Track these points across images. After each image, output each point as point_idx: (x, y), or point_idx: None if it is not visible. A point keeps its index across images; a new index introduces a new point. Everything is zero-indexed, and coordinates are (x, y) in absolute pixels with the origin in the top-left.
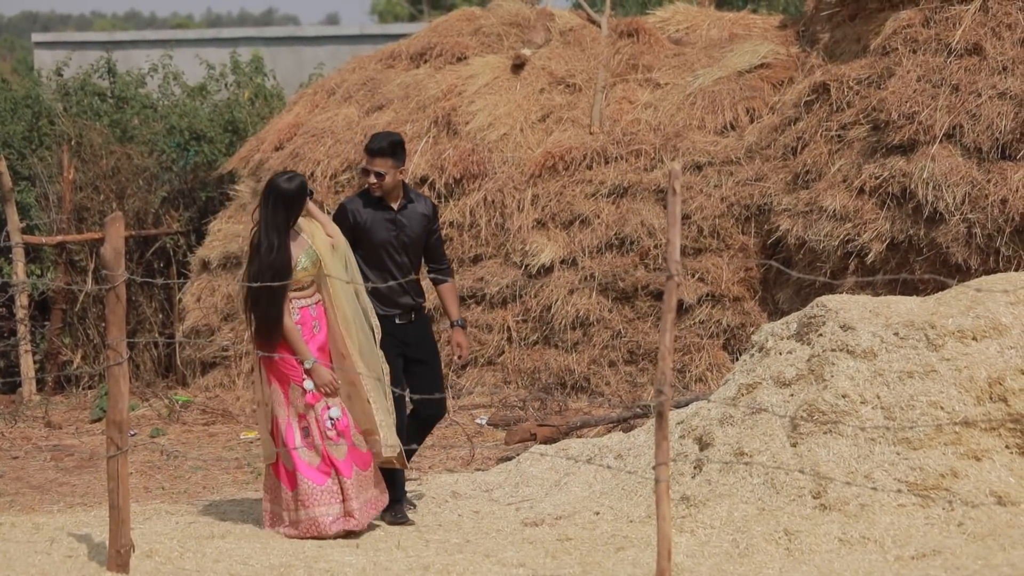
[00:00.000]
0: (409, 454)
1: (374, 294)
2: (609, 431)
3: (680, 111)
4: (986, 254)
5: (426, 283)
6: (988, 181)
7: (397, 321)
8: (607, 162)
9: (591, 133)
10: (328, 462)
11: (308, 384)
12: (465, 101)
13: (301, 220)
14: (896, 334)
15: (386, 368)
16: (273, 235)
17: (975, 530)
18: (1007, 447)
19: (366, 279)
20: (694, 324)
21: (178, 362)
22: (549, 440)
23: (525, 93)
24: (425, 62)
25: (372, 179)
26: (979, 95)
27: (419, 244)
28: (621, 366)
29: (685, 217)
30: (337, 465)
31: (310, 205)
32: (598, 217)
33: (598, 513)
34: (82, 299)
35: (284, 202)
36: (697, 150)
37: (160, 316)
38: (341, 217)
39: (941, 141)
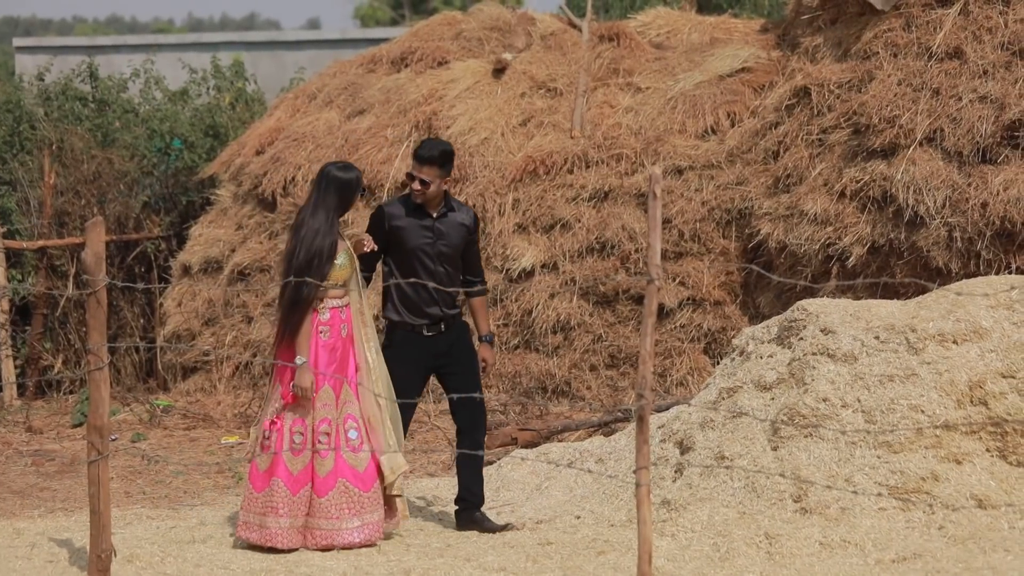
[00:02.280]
0: (472, 486)
1: (403, 303)
2: (590, 435)
3: (661, 115)
4: (966, 258)
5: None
6: (969, 185)
7: (425, 332)
8: (588, 166)
9: (572, 137)
10: (308, 474)
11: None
12: (446, 105)
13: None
14: (877, 338)
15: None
16: (321, 217)
17: (956, 533)
18: (988, 450)
19: (398, 287)
20: (675, 328)
21: (159, 367)
22: (530, 444)
23: (506, 97)
24: (406, 66)
25: (417, 185)
26: (960, 99)
27: (456, 254)
28: (602, 370)
29: (666, 221)
30: (316, 481)
31: None
32: (579, 221)
33: (579, 517)
34: (63, 304)
35: (336, 190)
36: (678, 154)
37: (141, 321)
38: (377, 219)
39: (922, 145)
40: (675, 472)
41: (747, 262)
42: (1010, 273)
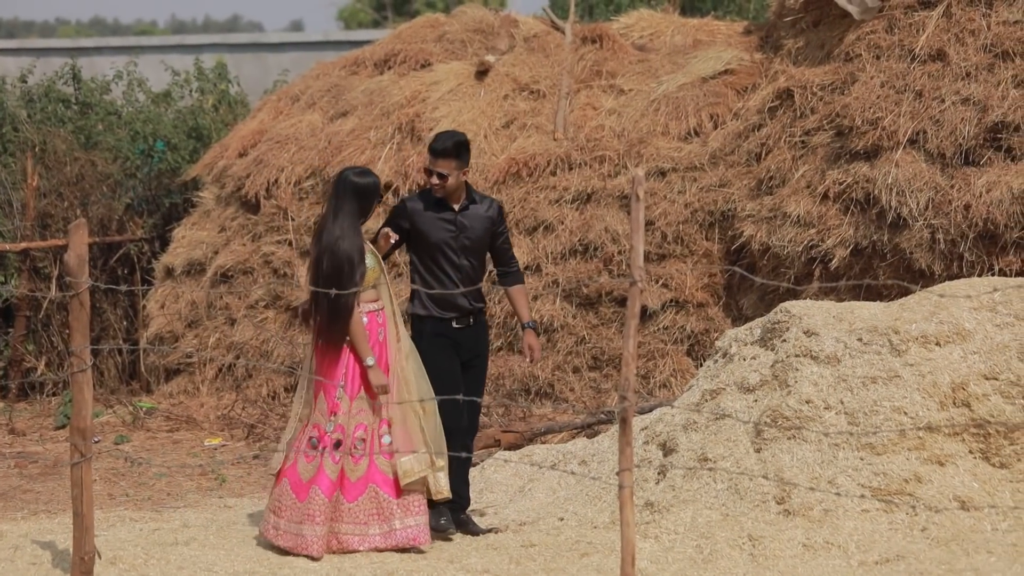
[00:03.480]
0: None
1: (430, 297)
2: (573, 437)
3: (644, 117)
4: (949, 260)
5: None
6: (951, 187)
7: (454, 325)
8: (571, 168)
9: (555, 139)
10: (341, 479)
11: (340, 393)
12: (429, 108)
13: None
14: (860, 340)
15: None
16: (342, 223)
17: (939, 535)
18: (970, 452)
19: (424, 281)
20: (658, 330)
21: (142, 369)
22: (513, 446)
23: (489, 100)
24: (389, 68)
25: (435, 180)
26: (942, 101)
27: (481, 247)
28: (585, 372)
29: (649, 223)
30: (346, 485)
31: None
32: (562, 223)
33: (562, 519)
34: (46, 306)
35: (355, 195)
36: (661, 156)
37: (124, 323)
38: (398, 213)
39: (904, 147)
40: (658, 474)
41: (730, 264)
42: (993, 275)
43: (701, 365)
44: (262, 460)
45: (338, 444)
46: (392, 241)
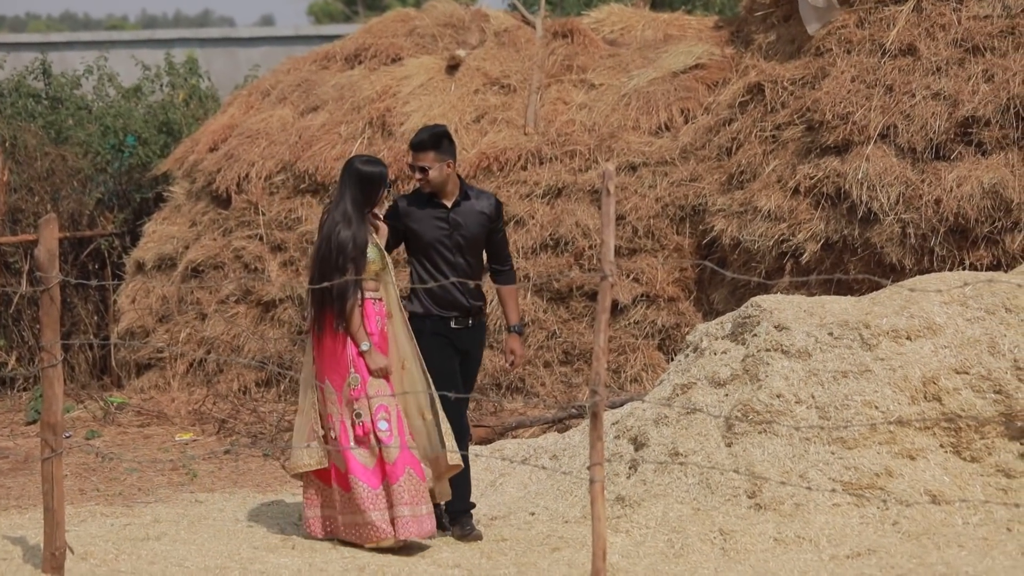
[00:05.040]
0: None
1: (428, 295)
2: (544, 432)
3: (615, 112)
4: (920, 254)
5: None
6: (922, 181)
7: (452, 324)
8: (542, 163)
9: (526, 134)
10: (381, 465)
11: (352, 381)
12: (400, 102)
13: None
14: (830, 334)
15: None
16: (343, 210)
17: (910, 529)
18: (941, 446)
19: (420, 281)
20: (629, 324)
21: (113, 364)
22: (484, 441)
23: (460, 94)
24: (360, 63)
25: (418, 175)
26: (913, 95)
27: (477, 244)
28: (556, 367)
29: (620, 218)
30: (387, 469)
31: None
32: (533, 218)
33: (533, 514)
34: (16, 301)
35: (359, 183)
36: (632, 151)
37: (95, 318)
38: (391, 215)
39: (875, 141)
40: (629, 468)
41: (701, 258)
42: (963, 269)
43: (672, 359)
44: (233, 455)
45: (356, 432)
46: (386, 230)
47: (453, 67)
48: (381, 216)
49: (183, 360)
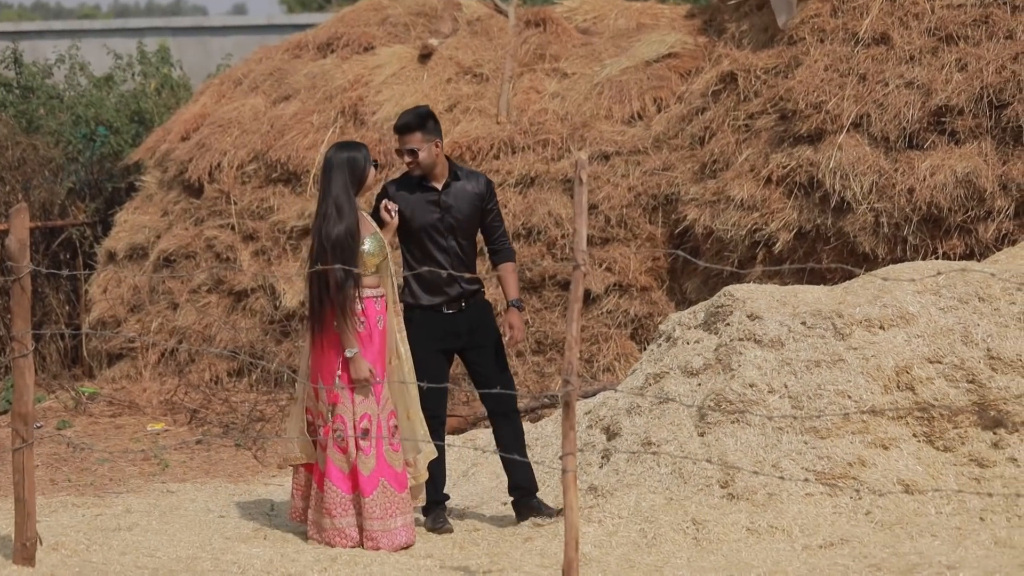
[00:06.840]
0: (522, 474)
1: (418, 281)
2: None
3: (587, 101)
4: (893, 243)
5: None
6: (895, 170)
7: (445, 311)
8: (514, 152)
9: (498, 123)
10: (355, 473)
11: (338, 383)
12: (372, 91)
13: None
14: (803, 323)
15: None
16: (342, 202)
17: (883, 519)
18: (914, 436)
19: (411, 268)
20: (601, 314)
21: (84, 354)
22: (457, 430)
23: (432, 83)
24: (332, 52)
25: (407, 158)
26: (886, 84)
27: (469, 226)
28: (529, 356)
29: (592, 207)
30: (360, 480)
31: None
32: (505, 207)
33: (506, 503)
34: None
35: (338, 170)
36: (604, 140)
37: (66, 307)
38: (380, 200)
39: (848, 130)
40: (602, 458)
41: (673, 248)
42: (937, 258)
43: (645, 349)
44: (205, 445)
45: (341, 434)
46: (394, 214)
47: (425, 56)
48: (393, 212)
49: (155, 350)
